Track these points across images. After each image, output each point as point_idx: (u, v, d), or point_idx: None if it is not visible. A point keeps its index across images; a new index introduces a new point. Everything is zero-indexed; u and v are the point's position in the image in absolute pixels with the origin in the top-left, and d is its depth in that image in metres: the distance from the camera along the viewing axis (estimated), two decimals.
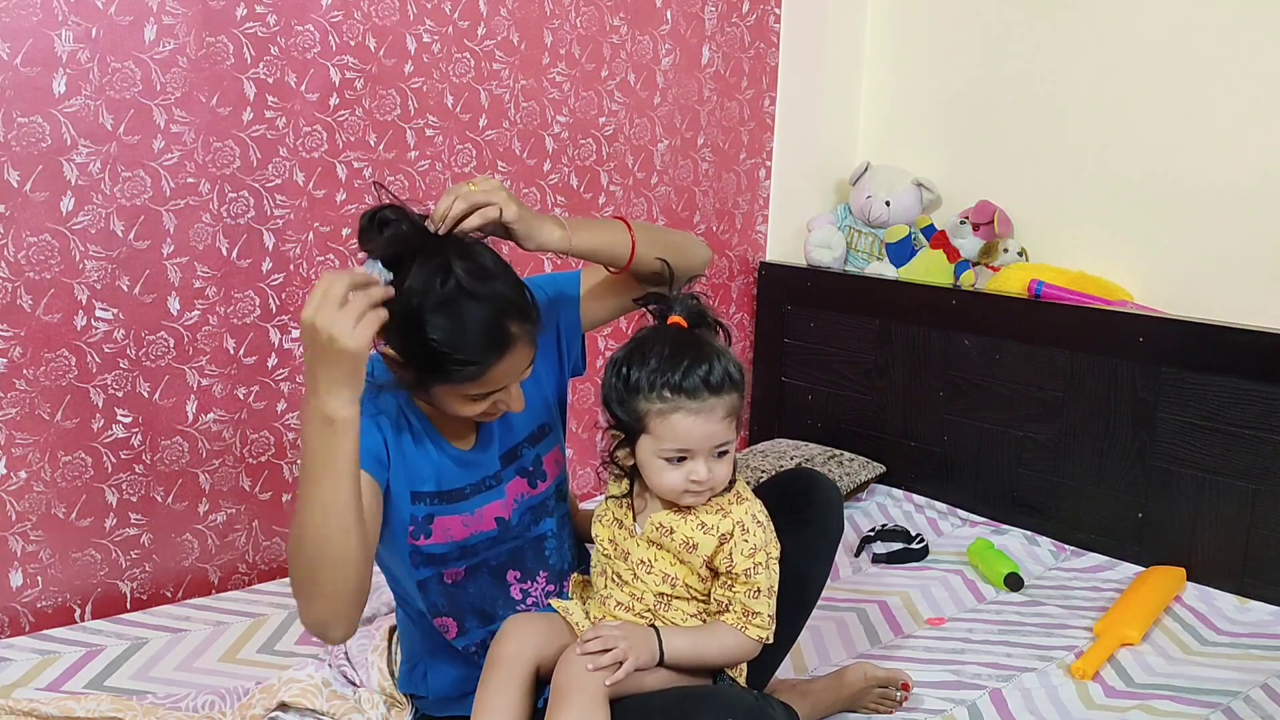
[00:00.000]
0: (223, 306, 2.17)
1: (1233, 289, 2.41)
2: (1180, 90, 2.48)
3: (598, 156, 2.70)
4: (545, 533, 1.59)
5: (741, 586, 1.43)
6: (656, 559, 1.45)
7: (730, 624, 1.44)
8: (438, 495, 1.48)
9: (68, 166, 1.95)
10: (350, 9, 2.24)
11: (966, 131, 2.87)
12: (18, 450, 1.98)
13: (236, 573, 2.28)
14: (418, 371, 1.36)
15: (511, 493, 1.55)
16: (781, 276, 3.04)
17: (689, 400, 1.36)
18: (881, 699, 1.77)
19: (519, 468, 1.56)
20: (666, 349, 1.39)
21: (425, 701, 1.62)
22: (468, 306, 1.32)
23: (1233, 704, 1.82)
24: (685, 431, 1.37)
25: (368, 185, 2.31)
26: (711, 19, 2.87)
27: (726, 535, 1.41)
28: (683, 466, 1.39)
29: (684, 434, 1.37)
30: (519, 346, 1.37)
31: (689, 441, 1.37)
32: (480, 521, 1.51)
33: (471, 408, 1.40)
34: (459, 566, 1.52)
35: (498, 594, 1.55)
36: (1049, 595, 2.25)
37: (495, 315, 1.34)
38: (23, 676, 1.78)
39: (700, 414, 1.36)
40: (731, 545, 1.41)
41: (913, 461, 2.78)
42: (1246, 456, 2.24)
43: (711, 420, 1.37)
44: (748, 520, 1.43)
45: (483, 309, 1.33)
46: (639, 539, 1.46)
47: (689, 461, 1.39)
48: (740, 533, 1.41)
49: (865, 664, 1.80)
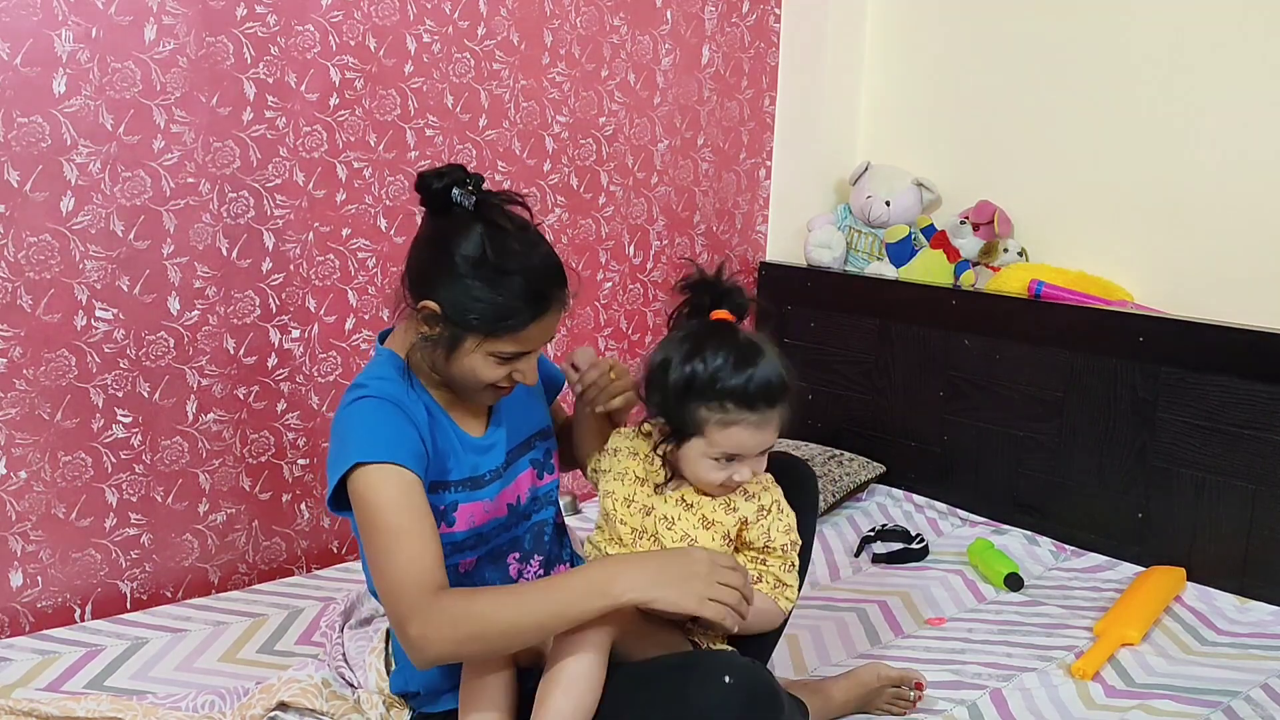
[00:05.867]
0: (223, 306, 2.17)
1: (1233, 289, 2.41)
2: (1180, 90, 2.48)
3: (598, 156, 2.70)
4: (546, 519, 1.67)
5: (776, 560, 1.51)
6: (680, 518, 1.49)
7: (764, 593, 1.50)
8: (465, 482, 1.53)
9: (68, 166, 1.95)
10: (350, 9, 2.24)
11: (966, 131, 2.87)
12: (18, 450, 1.98)
13: (236, 573, 2.28)
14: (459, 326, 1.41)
15: (523, 481, 1.61)
16: (781, 276, 3.04)
17: (751, 414, 1.40)
18: (895, 699, 1.77)
19: (532, 458, 1.63)
20: (732, 357, 1.41)
21: (418, 698, 1.62)
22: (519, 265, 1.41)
23: (1233, 704, 1.82)
24: (741, 442, 1.42)
25: (368, 185, 2.32)
26: (711, 19, 2.87)
27: (763, 510, 1.49)
28: (729, 467, 1.44)
29: (739, 444, 1.42)
30: (554, 309, 1.45)
31: (743, 450, 1.43)
32: (498, 507, 1.57)
33: (492, 373, 1.45)
34: (473, 555, 1.56)
35: (497, 577, 1.60)
36: (1049, 595, 2.25)
37: (543, 275, 1.43)
38: (23, 676, 1.78)
39: (760, 427, 1.42)
40: (770, 521, 1.49)
41: (913, 461, 2.78)
42: (1246, 456, 2.24)
43: (766, 430, 1.43)
44: (782, 501, 1.52)
45: (533, 269, 1.42)
46: (667, 496, 1.51)
47: (735, 463, 1.44)
48: (777, 511, 1.50)
49: (878, 664, 1.80)
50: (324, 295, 2.30)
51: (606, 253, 2.77)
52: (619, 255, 2.80)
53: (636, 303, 2.86)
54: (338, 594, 2.07)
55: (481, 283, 1.40)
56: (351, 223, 2.32)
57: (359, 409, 1.45)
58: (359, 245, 2.33)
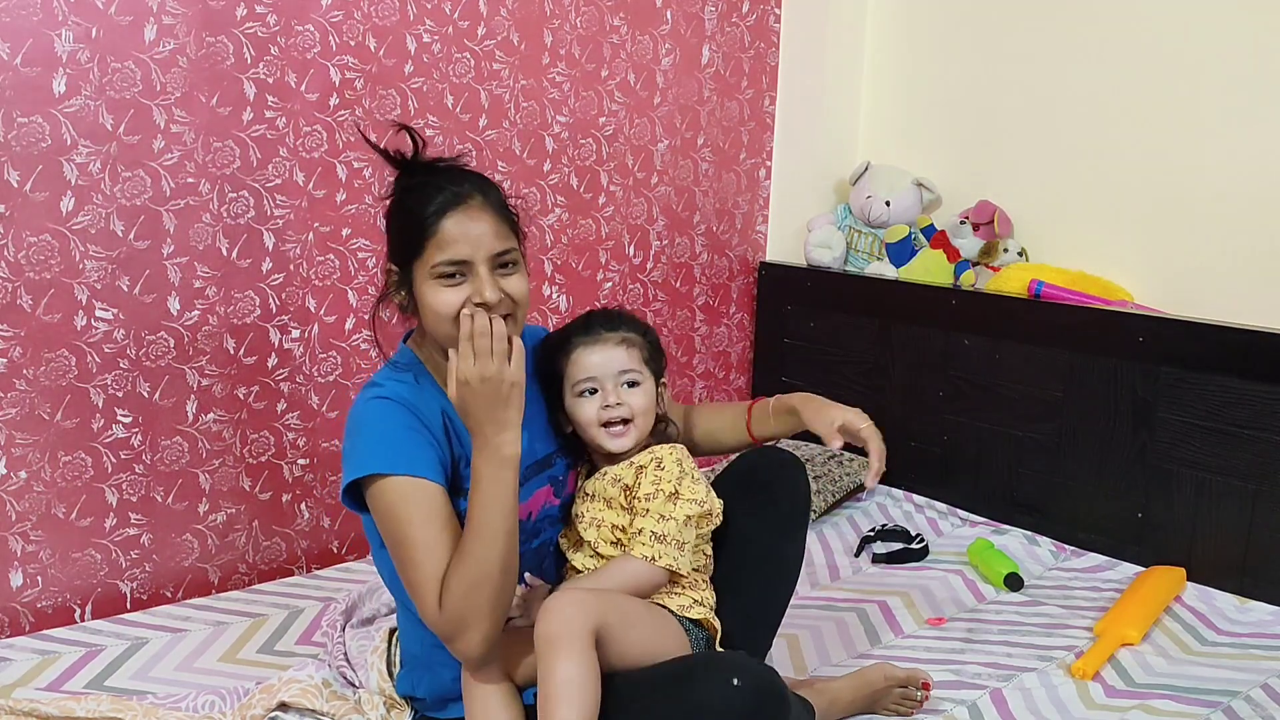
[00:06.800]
0: (223, 306, 2.17)
1: (1233, 289, 2.41)
2: (1180, 90, 2.48)
3: (598, 156, 2.70)
4: (550, 539, 1.63)
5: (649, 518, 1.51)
6: (589, 509, 1.58)
7: (636, 555, 1.50)
8: None
9: (68, 166, 1.95)
10: (350, 9, 2.24)
11: (966, 131, 2.87)
12: (18, 450, 1.98)
13: (236, 573, 2.28)
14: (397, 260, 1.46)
15: (538, 499, 1.58)
16: (781, 276, 3.04)
17: (585, 337, 1.58)
18: (902, 699, 1.77)
19: (550, 475, 1.61)
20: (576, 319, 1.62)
21: (423, 703, 1.62)
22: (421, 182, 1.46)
23: (1233, 704, 1.82)
24: (586, 360, 1.56)
25: (368, 185, 2.32)
26: (711, 19, 2.87)
27: (640, 469, 1.55)
28: (595, 399, 1.56)
29: (585, 363, 1.56)
30: (470, 205, 1.43)
31: (591, 368, 1.56)
32: None
33: (449, 298, 1.42)
34: None
35: None
36: (1049, 595, 2.25)
37: (444, 175, 1.47)
38: (23, 676, 1.78)
39: (596, 343, 1.57)
40: (644, 475, 1.54)
41: (913, 461, 2.78)
42: (1246, 456, 2.24)
43: (607, 348, 1.57)
44: (667, 458, 1.55)
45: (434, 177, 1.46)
46: (580, 491, 1.61)
47: (600, 393, 1.56)
48: (655, 466, 1.54)
49: (885, 665, 1.79)
50: (324, 295, 2.30)
51: (606, 253, 2.77)
52: (619, 255, 2.80)
53: (636, 303, 2.86)
54: (338, 594, 2.07)
55: (399, 216, 1.47)
56: (351, 223, 2.32)
57: (375, 410, 1.45)
58: (359, 245, 2.33)
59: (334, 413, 2.35)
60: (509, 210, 1.49)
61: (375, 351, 1.73)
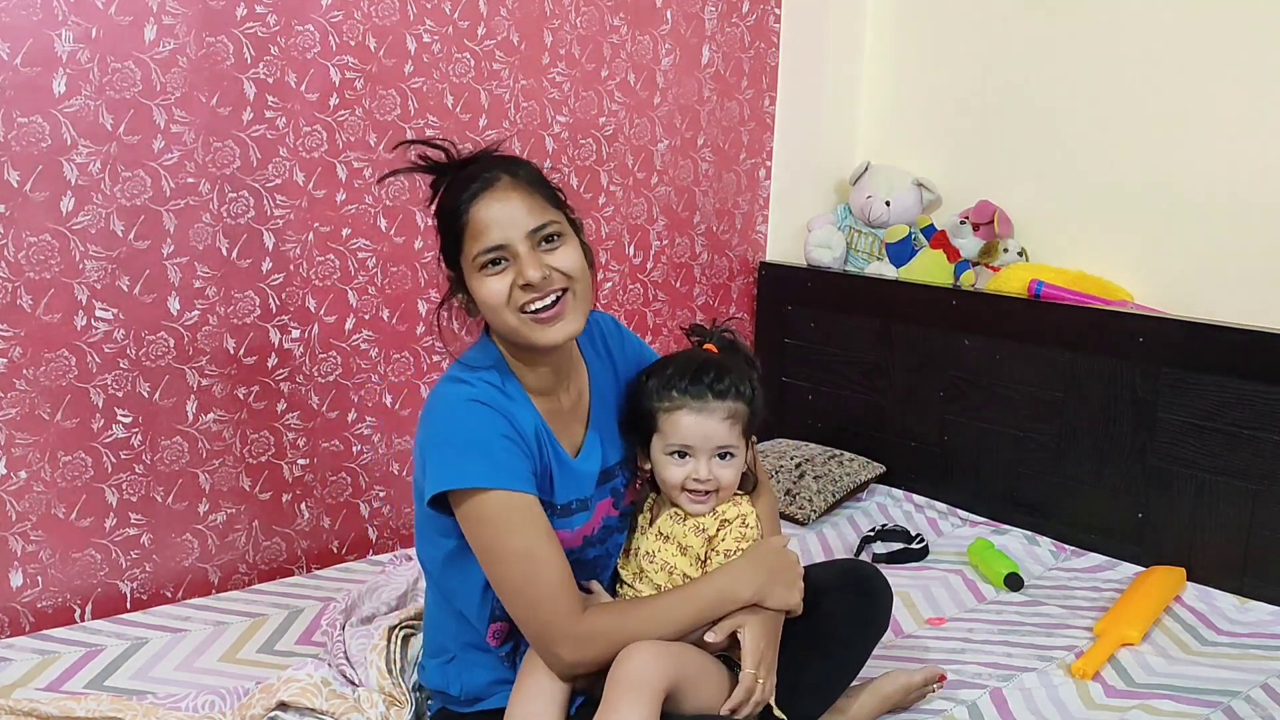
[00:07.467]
0: (223, 306, 2.17)
1: (1233, 289, 2.41)
2: (1180, 90, 2.48)
3: (598, 156, 2.70)
4: (609, 550, 1.61)
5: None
6: (661, 551, 1.56)
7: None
8: (555, 508, 1.49)
9: (68, 166, 1.95)
10: (350, 9, 2.24)
11: (966, 131, 2.87)
12: (18, 450, 1.98)
13: (236, 573, 2.28)
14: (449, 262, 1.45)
15: (600, 511, 1.57)
16: (781, 276, 3.04)
17: (692, 400, 1.50)
18: (920, 697, 1.80)
19: (612, 488, 1.59)
20: (685, 361, 1.55)
21: (453, 699, 1.59)
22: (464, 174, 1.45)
23: (1233, 704, 1.82)
24: (686, 427, 1.50)
25: (368, 185, 2.32)
26: (711, 19, 2.87)
27: (726, 523, 1.53)
28: (685, 464, 1.52)
29: (685, 430, 1.50)
30: (496, 187, 1.41)
31: (690, 438, 1.50)
32: (575, 538, 1.53)
33: (496, 285, 1.39)
34: None
35: None
36: (1049, 595, 2.25)
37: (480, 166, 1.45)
38: (23, 676, 1.78)
39: (702, 413, 1.50)
40: (728, 530, 1.53)
41: (913, 461, 2.78)
42: (1246, 456, 2.24)
43: (712, 420, 1.50)
44: (750, 515, 1.56)
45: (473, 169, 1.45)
46: (648, 532, 1.58)
47: (691, 460, 1.51)
48: (740, 523, 1.54)
49: (898, 673, 1.79)
50: (324, 295, 2.30)
51: (606, 253, 2.77)
52: (619, 255, 2.80)
53: (636, 303, 2.86)
54: (338, 594, 2.07)
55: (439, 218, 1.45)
56: (351, 223, 2.32)
57: (470, 414, 1.41)
58: (359, 245, 2.33)
59: (334, 413, 2.35)
60: (546, 183, 1.46)
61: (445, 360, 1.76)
